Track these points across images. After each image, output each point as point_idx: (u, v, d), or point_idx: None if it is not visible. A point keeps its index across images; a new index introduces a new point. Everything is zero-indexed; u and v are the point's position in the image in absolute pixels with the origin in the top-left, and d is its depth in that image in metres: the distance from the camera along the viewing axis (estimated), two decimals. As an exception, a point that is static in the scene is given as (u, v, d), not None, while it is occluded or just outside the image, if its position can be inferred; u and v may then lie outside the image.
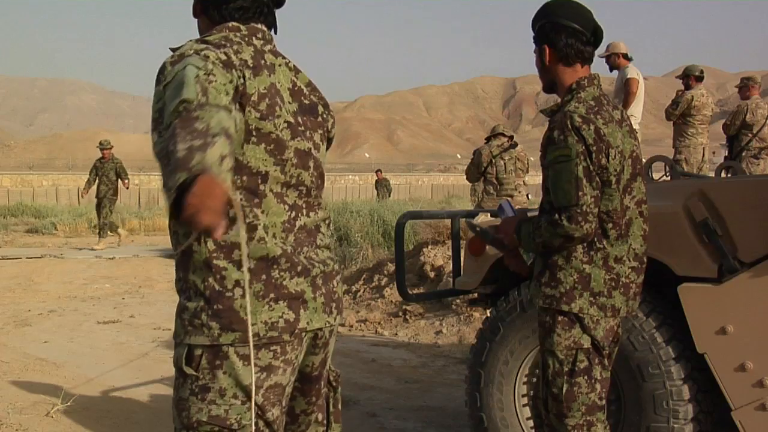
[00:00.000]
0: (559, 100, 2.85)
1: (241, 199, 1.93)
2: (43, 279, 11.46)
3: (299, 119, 2.06)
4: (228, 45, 1.96)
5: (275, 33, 2.19)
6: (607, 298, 2.75)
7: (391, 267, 9.16)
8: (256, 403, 1.90)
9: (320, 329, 2.07)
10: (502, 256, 3.25)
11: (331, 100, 2.21)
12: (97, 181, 14.96)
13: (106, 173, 14.90)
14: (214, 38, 1.98)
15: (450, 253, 6.24)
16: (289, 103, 2.04)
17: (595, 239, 2.73)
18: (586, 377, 2.76)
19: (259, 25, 2.10)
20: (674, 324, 3.31)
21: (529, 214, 2.95)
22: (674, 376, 3.26)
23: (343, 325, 2.05)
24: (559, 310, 2.75)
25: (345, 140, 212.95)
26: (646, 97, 8.86)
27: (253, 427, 1.92)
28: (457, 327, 7.54)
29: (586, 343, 2.75)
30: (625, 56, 8.59)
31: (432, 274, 8.54)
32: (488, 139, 9.28)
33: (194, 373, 1.92)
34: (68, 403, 4.94)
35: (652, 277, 3.47)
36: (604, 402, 2.81)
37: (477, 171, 9.08)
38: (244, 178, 1.94)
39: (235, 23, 2.06)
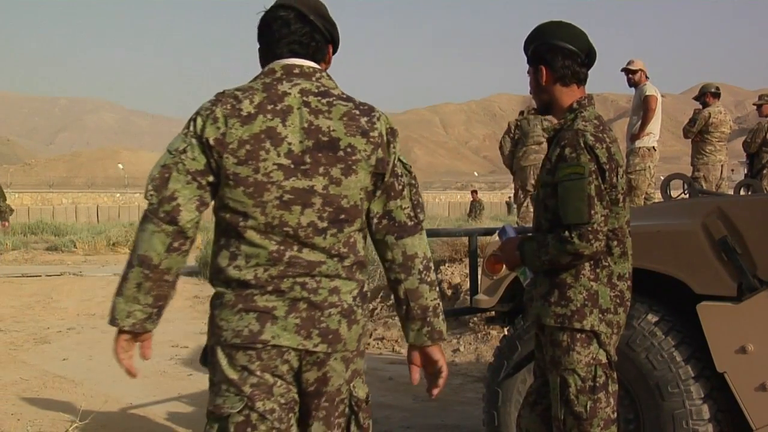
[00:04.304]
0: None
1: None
2: (62, 296, 11.53)
3: (307, 157, 2.12)
4: (241, 95, 2.13)
5: (327, 64, 2.29)
6: (614, 315, 2.78)
7: (409, 285, 9.13)
8: (245, 395, 2.10)
9: (305, 350, 2.12)
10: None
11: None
12: None
13: None
14: (242, 86, 2.17)
15: (467, 271, 6.23)
16: (298, 143, 2.12)
17: (601, 257, 2.75)
18: (604, 392, 2.77)
19: (300, 61, 2.20)
20: (693, 343, 3.29)
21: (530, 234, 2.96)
22: (694, 395, 3.23)
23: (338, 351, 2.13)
24: (573, 328, 2.75)
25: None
26: (663, 115, 8.85)
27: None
28: (475, 345, 7.52)
29: (603, 358, 2.77)
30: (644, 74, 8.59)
31: (449, 292, 8.52)
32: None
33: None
34: (86, 421, 4.96)
35: (670, 295, 3.45)
36: (615, 415, 2.83)
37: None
38: (228, 215, 2.14)
39: (274, 65, 2.19)
